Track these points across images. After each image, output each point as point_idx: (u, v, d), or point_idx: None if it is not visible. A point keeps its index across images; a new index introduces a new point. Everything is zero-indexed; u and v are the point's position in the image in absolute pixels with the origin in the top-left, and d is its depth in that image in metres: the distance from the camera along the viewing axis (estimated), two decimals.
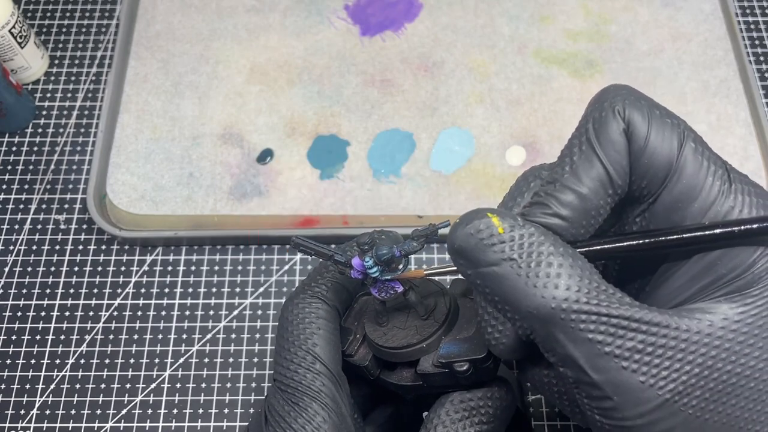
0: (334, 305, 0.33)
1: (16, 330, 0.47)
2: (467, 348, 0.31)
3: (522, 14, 0.57)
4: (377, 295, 0.31)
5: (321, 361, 0.31)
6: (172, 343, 0.47)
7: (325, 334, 0.32)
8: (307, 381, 0.31)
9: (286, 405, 0.30)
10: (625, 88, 0.28)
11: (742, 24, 0.58)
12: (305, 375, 0.31)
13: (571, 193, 0.27)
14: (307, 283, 0.34)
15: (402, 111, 0.53)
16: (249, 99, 0.53)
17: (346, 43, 0.56)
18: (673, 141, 0.27)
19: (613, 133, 0.27)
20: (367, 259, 0.30)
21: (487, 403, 0.31)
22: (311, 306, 0.33)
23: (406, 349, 0.31)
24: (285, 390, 0.31)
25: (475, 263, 0.26)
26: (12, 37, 0.52)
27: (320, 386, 0.30)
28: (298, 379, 0.31)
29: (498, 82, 0.54)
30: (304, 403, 0.30)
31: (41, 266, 0.49)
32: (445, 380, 0.31)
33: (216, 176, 0.50)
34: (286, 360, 0.31)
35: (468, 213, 0.27)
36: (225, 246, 0.50)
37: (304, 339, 0.31)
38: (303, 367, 0.31)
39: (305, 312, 0.32)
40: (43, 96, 0.56)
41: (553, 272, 0.25)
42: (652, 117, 0.27)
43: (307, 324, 0.32)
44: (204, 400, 0.45)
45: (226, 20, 0.57)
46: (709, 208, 0.27)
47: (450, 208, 0.49)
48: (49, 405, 0.45)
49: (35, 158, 0.53)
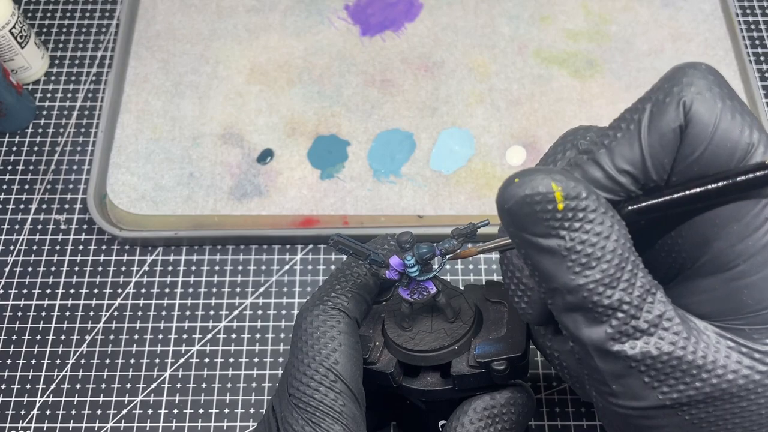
0: (354, 317, 0.32)
1: (16, 330, 0.47)
2: (503, 347, 0.31)
3: (522, 14, 0.57)
4: (408, 296, 0.31)
5: (342, 380, 0.29)
6: (172, 343, 0.47)
7: (346, 350, 0.30)
8: (329, 401, 0.29)
9: (306, 425, 0.29)
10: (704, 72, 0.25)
11: (742, 24, 0.58)
12: (326, 394, 0.29)
13: (600, 171, 0.25)
14: (326, 292, 0.32)
15: (402, 111, 0.53)
16: (249, 99, 0.54)
17: (347, 43, 0.56)
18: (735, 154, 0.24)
19: (666, 125, 0.24)
20: (408, 258, 0.30)
21: (510, 409, 0.30)
22: (332, 319, 0.31)
23: (439, 351, 0.31)
24: (304, 409, 0.29)
25: (522, 229, 0.25)
26: (12, 37, 0.52)
27: (341, 407, 0.29)
28: (319, 398, 0.29)
29: (498, 82, 0.54)
30: (326, 425, 0.29)
31: (41, 266, 0.49)
32: (479, 381, 0.31)
33: (216, 176, 0.51)
34: (306, 376, 0.30)
35: (529, 171, 0.25)
36: (225, 246, 0.50)
37: (325, 355, 0.30)
38: (324, 386, 0.29)
39: (326, 325, 0.31)
40: (43, 96, 0.56)
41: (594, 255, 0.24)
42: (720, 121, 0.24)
43: (329, 339, 0.30)
44: (204, 400, 0.45)
45: (227, 20, 0.57)
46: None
47: (450, 208, 0.49)
48: (49, 405, 0.45)
49: (35, 158, 0.53)
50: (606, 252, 0.24)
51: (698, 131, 0.24)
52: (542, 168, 0.25)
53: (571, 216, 0.24)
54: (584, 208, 0.24)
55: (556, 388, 0.45)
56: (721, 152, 0.24)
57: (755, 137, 0.24)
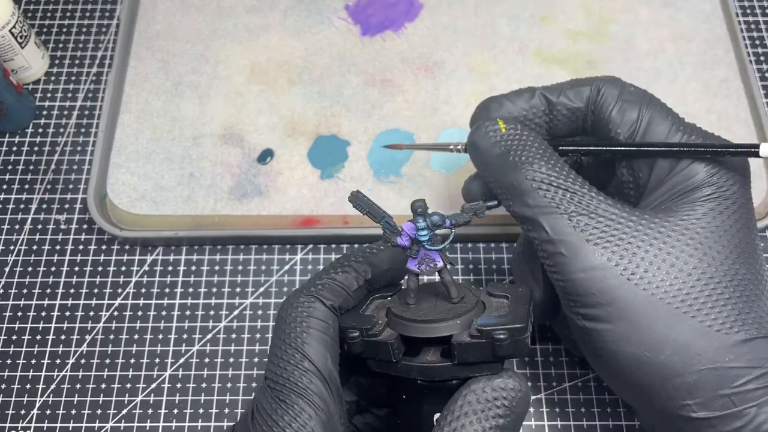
0: (330, 304, 0.33)
1: (16, 330, 0.47)
2: (505, 319, 0.31)
3: (522, 14, 0.57)
4: (416, 267, 0.32)
5: (309, 359, 0.31)
6: (172, 343, 0.47)
7: (316, 333, 0.32)
8: (295, 378, 0.30)
9: (273, 402, 0.30)
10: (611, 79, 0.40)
11: (742, 24, 0.58)
12: (293, 372, 0.31)
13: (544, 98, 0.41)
14: (306, 285, 0.34)
15: (402, 111, 0.53)
16: (249, 99, 0.53)
17: (347, 43, 0.56)
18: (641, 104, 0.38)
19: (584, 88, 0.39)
20: (420, 221, 0.31)
21: (502, 395, 0.30)
22: (304, 305, 0.33)
23: (441, 323, 0.31)
24: (273, 387, 0.31)
25: (482, 153, 0.38)
26: (12, 37, 0.52)
27: (307, 383, 0.30)
28: (286, 376, 0.31)
29: (498, 82, 0.54)
30: (291, 400, 0.30)
31: (41, 266, 0.49)
32: (480, 353, 0.31)
33: (216, 176, 0.50)
34: (276, 357, 0.32)
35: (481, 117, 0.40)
36: (225, 246, 0.50)
37: (294, 337, 0.32)
38: (291, 364, 0.31)
39: (297, 311, 0.32)
40: (43, 96, 0.56)
41: (532, 158, 0.36)
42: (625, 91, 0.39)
43: (299, 322, 0.32)
44: (204, 400, 0.45)
45: (227, 20, 0.57)
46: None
47: (450, 209, 0.49)
48: (49, 405, 0.45)
49: (36, 158, 0.53)
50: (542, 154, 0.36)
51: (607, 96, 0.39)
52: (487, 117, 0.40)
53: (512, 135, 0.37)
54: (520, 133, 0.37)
55: (556, 388, 0.45)
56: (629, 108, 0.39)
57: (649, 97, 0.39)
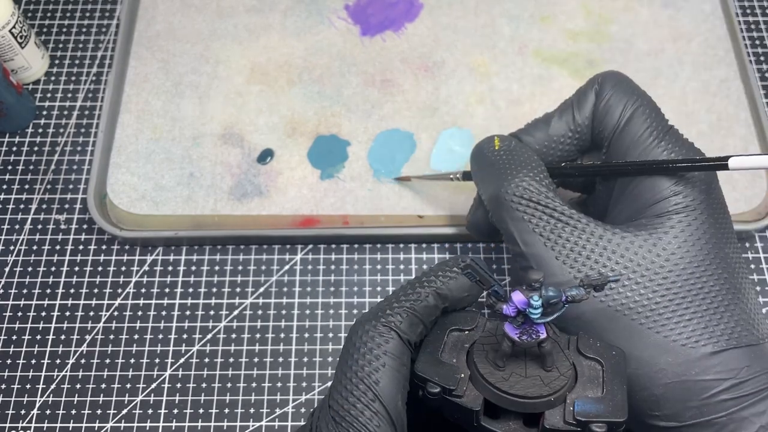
0: (407, 339, 0.31)
1: (16, 330, 0.47)
2: (604, 409, 0.29)
3: (522, 14, 0.57)
4: (516, 336, 0.29)
5: (380, 400, 0.29)
6: (172, 343, 0.47)
7: (390, 371, 0.30)
8: (364, 419, 0.29)
9: None
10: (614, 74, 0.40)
11: (742, 24, 0.58)
12: (363, 411, 0.29)
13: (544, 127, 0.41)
14: (381, 308, 0.32)
15: (402, 111, 0.53)
16: (249, 99, 0.53)
17: (347, 43, 0.56)
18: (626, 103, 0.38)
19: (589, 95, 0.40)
20: (535, 298, 0.28)
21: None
22: (381, 337, 0.30)
23: (534, 399, 0.29)
24: (339, 423, 0.29)
25: (478, 163, 0.40)
26: (12, 37, 0.52)
27: (375, 427, 0.29)
28: (355, 414, 0.29)
29: (498, 82, 0.54)
30: None
31: (41, 266, 0.49)
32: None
33: (216, 176, 0.50)
34: (345, 390, 0.29)
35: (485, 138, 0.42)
36: (225, 246, 0.50)
37: (368, 372, 0.29)
38: (362, 402, 0.29)
39: (374, 342, 0.30)
40: (43, 96, 0.56)
41: (516, 171, 0.37)
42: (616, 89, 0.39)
43: (374, 357, 0.30)
44: (204, 400, 0.45)
45: (227, 20, 0.57)
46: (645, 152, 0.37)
47: (450, 209, 0.49)
48: (49, 405, 0.45)
49: (35, 158, 0.53)
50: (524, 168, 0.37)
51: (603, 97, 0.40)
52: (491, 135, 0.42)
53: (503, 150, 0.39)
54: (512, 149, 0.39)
55: None
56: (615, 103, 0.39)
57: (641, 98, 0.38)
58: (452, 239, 0.50)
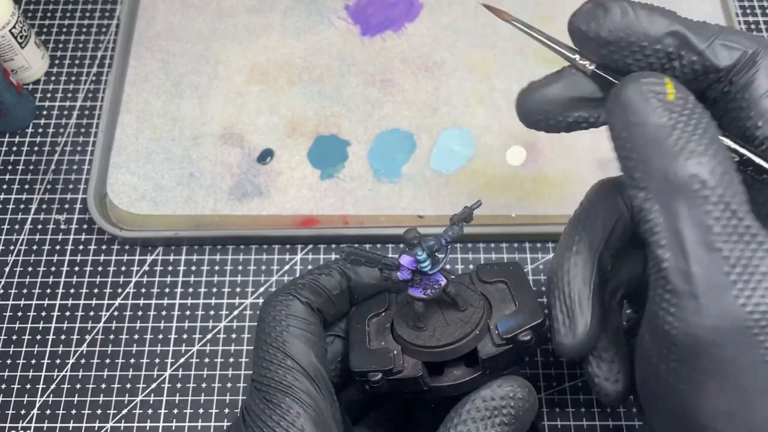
0: (307, 302, 0.33)
1: (16, 330, 0.47)
2: (523, 319, 0.31)
3: (522, 14, 0.57)
4: (422, 294, 0.31)
5: (291, 356, 0.31)
6: (172, 343, 0.47)
7: (296, 330, 0.32)
8: (279, 377, 0.31)
9: (261, 403, 0.30)
10: None
11: (742, 24, 0.58)
12: (277, 371, 0.31)
13: None
14: (286, 284, 0.35)
15: (402, 111, 0.53)
16: (249, 99, 0.53)
17: (347, 43, 0.56)
18: None
19: None
20: (419, 253, 0.30)
21: (509, 403, 0.30)
22: (282, 303, 0.33)
23: (464, 340, 0.31)
24: (260, 389, 0.31)
25: (633, 115, 0.26)
26: (12, 37, 0.52)
27: (292, 380, 0.30)
28: (270, 375, 0.31)
29: (498, 82, 0.54)
30: (277, 399, 0.30)
31: (41, 266, 0.49)
32: (508, 359, 0.31)
33: (216, 176, 0.50)
34: (260, 358, 0.32)
35: (642, 72, 0.28)
36: (225, 246, 0.50)
37: (274, 337, 0.32)
38: (274, 363, 0.31)
39: (276, 309, 0.33)
40: (43, 96, 0.56)
41: (704, 149, 0.24)
42: None
43: (278, 321, 0.32)
44: (204, 400, 0.45)
45: (227, 20, 0.57)
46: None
47: (450, 209, 0.49)
48: (49, 405, 0.45)
49: (35, 158, 0.53)
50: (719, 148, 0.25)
51: None
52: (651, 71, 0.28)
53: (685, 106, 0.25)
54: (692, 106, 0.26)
55: (556, 388, 0.45)
56: None
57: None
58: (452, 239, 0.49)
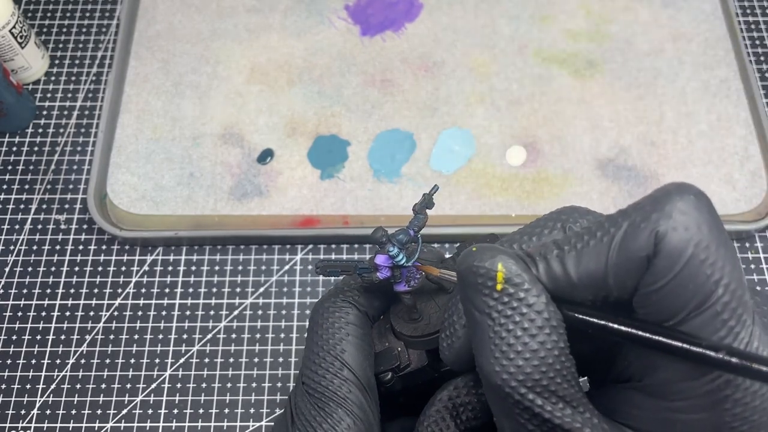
0: (365, 311, 0.33)
1: (16, 330, 0.47)
2: None
3: (522, 14, 0.57)
4: (406, 287, 0.32)
5: (349, 367, 0.31)
6: (172, 343, 0.47)
7: (354, 340, 0.32)
8: (334, 387, 0.31)
9: (312, 409, 0.31)
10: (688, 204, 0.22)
11: (742, 24, 0.58)
12: (332, 381, 0.31)
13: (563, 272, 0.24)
14: (340, 288, 0.34)
15: (402, 111, 0.53)
16: (249, 99, 0.53)
17: (347, 43, 0.56)
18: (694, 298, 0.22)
19: (635, 251, 0.22)
20: (391, 249, 0.31)
21: (473, 399, 0.31)
22: (341, 311, 0.33)
23: None
24: (312, 394, 0.31)
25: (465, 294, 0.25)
26: (12, 37, 0.52)
27: (346, 393, 0.31)
28: (325, 384, 0.31)
29: (498, 82, 0.54)
30: (330, 409, 0.30)
31: (41, 266, 0.49)
32: None
33: (216, 176, 0.50)
34: (314, 364, 0.31)
35: (485, 248, 0.24)
36: (225, 246, 0.50)
37: (333, 344, 0.32)
38: (330, 372, 0.31)
39: (335, 316, 0.32)
40: (43, 96, 0.56)
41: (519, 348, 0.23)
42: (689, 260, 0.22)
43: (337, 329, 0.32)
44: (204, 400, 0.45)
45: (227, 20, 0.57)
46: None
47: (450, 208, 0.49)
48: (49, 405, 0.45)
49: (36, 158, 0.53)
50: (528, 349, 0.23)
51: (663, 266, 0.22)
52: (501, 248, 0.24)
53: (506, 300, 0.23)
54: (521, 298, 0.23)
55: None
56: (681, 292, 0.22)
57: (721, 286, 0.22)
58: (452, 239, 0.50)
